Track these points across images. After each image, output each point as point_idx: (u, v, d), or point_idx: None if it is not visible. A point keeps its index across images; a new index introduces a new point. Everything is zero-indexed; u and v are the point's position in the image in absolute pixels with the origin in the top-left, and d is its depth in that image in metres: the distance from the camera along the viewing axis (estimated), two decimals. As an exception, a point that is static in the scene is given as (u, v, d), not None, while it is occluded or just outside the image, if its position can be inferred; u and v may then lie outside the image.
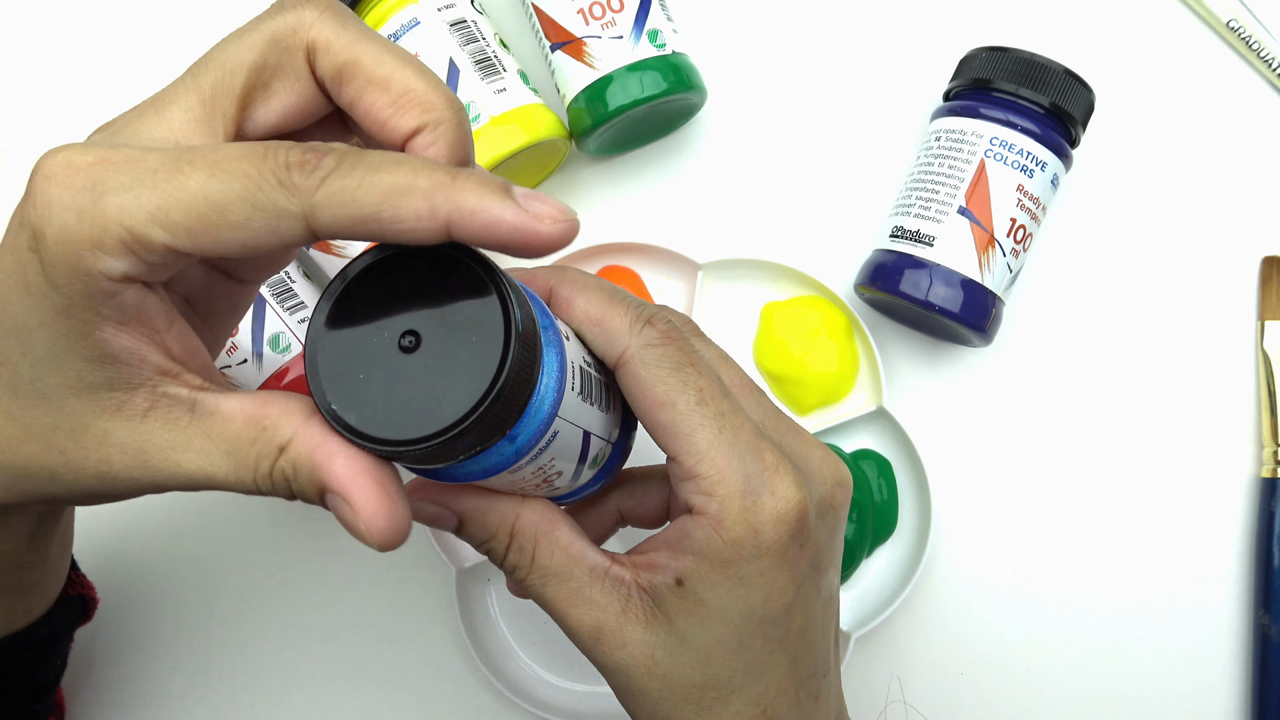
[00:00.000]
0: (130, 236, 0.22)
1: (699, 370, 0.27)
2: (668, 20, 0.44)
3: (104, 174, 0.22)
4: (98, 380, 0.24)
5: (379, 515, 0.23)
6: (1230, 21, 0.48)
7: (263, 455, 0.24)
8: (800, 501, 0.27)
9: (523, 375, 0.23)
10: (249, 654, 0.46)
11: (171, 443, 0.24)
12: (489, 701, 0.45)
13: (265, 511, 0.47)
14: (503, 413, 0.22)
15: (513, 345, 0.22)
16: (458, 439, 0.22)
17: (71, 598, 0.37)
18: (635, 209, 0.49)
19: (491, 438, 0.23)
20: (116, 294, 0.22)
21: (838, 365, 0.45)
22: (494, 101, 0.43)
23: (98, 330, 0.23)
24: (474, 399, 0.22)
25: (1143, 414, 0.47)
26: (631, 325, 0.27)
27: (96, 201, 0.22)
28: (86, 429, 0.24)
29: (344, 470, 0.23)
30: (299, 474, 0.24)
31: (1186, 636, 0.45)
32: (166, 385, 0.24)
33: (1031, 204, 0.42)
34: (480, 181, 0.22)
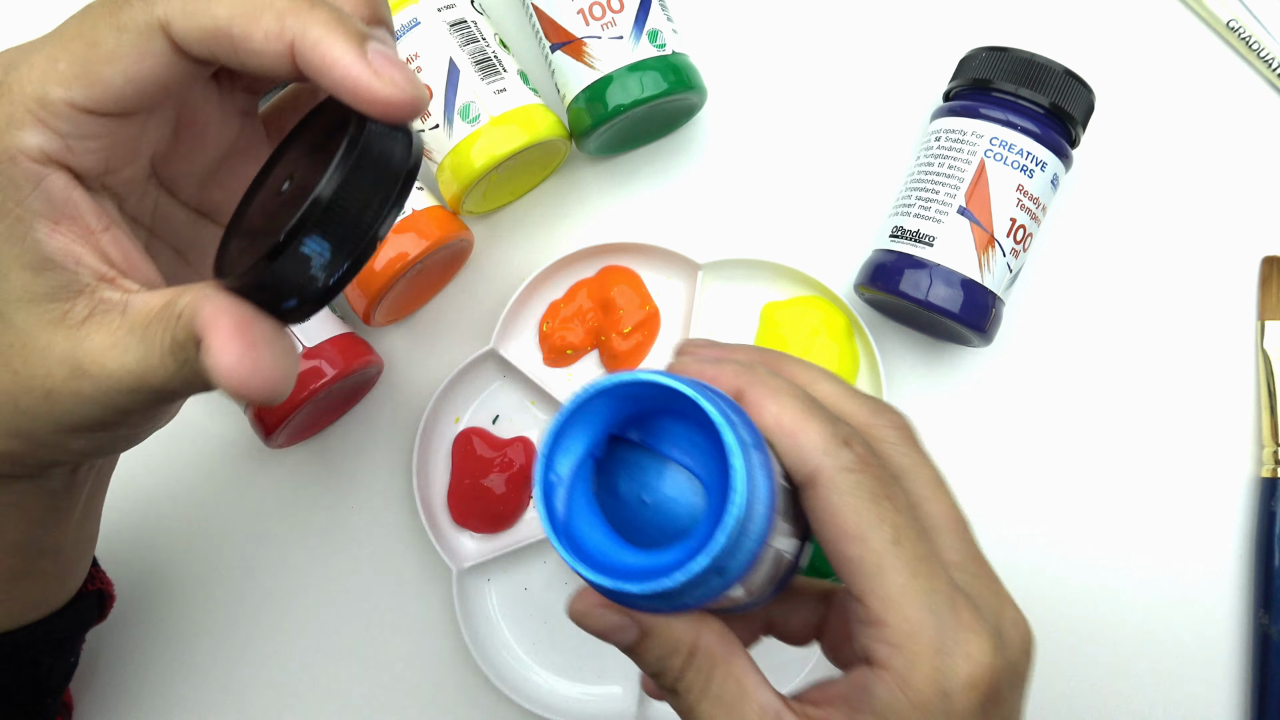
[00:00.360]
0: (35, 103, 0.23)
1: (896, 505, 0.25)
2: (668, 20, 0.44)
3: (8, 55, 0.23)
4: (40, 290, 0.24)
5: (229, 354, 0.22)
6: (1230, 21, 0.48)
7: (167, 326, 0.24)
8: (995, 667, 0.24)
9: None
10: (250, 654, 0.46)
11: (102, 345, 0.24)
12: (489, 701, 0.45)
13: (267, 513, 0.47)
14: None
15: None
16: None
17: (90, 593, 0.37)
18: (635, 209, 0.49)
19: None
20: (41, 179, 0.23)
21: (838, 365, 0.45)
22: (494, 101, 0.43)
23: (33, 230, 0.24)
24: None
25: (1143, 414, 0.47)
26: (827, 444, 0.25)
27: (2, 80, 0.23)
28: (34, 342, 0.24)
29: (209, 312, 0.23)
30: (182, 330, 0.23)
31: (1186, 636, 0.45)
32: (103, 290, 0.24)
33: (1031, 204, 0.42)
34: (337, 19, 0.22)
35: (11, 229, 0.23)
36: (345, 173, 0.22)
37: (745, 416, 0.24)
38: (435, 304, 0.48)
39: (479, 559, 0.45)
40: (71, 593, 0.35)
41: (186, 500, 0.47)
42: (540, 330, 0.47)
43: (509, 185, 0.47)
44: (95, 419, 0.25)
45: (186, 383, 0.24)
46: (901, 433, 0.28)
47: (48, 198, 0.24)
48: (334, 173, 0.22)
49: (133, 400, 0.25)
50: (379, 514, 0.47)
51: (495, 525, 0.46)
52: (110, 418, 0.25)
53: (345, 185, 0.22)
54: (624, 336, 0.46)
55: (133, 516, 0.46)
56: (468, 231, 0.45)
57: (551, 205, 0.49)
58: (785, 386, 0.26)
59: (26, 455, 0.27)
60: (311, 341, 0.43)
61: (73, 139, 0.23)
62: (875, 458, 0.25)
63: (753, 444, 0.23)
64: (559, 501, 0.24)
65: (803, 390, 0.26)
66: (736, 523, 0.22)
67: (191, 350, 0.23)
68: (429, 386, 0.47)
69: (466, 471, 0.46)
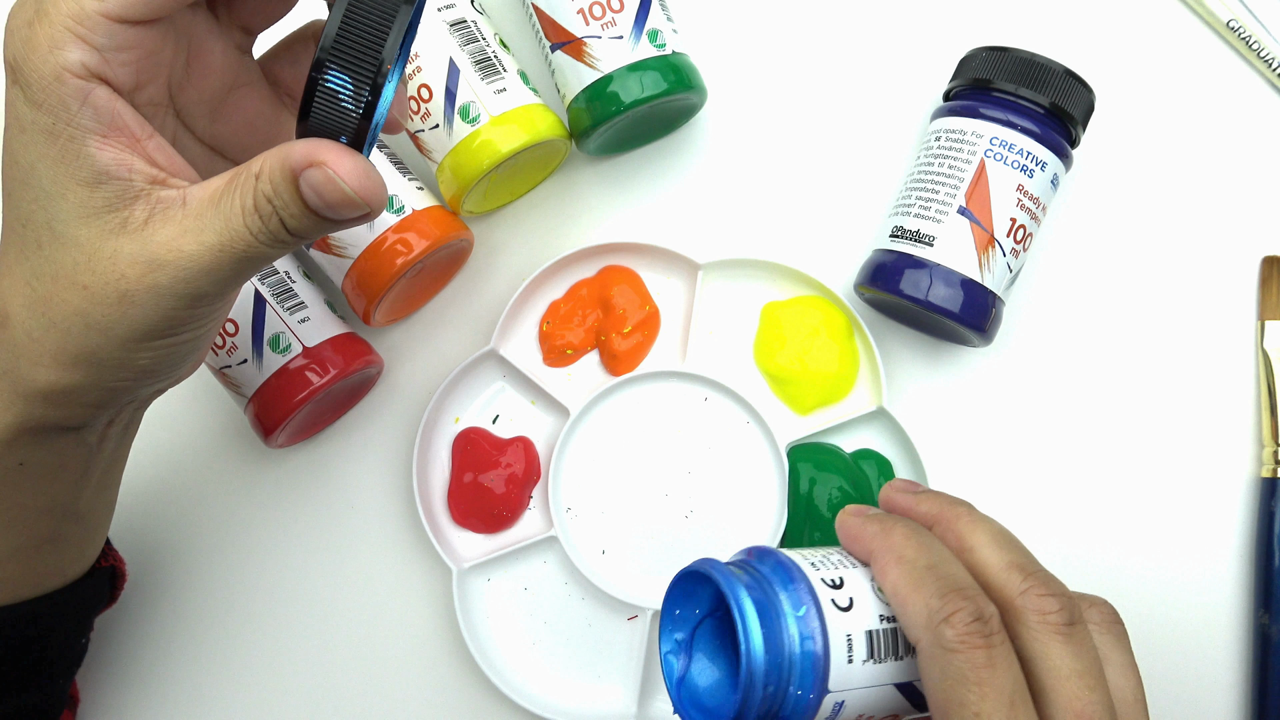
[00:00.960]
0: (72, 19, 0.24)
1: (985, 692, 0.24)
2: (668, 20, 0.44)
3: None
4: (97, 202, 0.26)
5: (345, 162, 0.25)
6: (1230, 21, 0.48)
7: (245, 193, 0.26)
8: None
9: None
10: (250, 654, 0.46)
11: (172, 235, 0.26)
12: (489, 701, 0.45)
13: (267, 513, 0.47)
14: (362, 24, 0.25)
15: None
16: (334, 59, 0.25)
17: (104, 568, 0.38)
18: (635, 209, 0.49)
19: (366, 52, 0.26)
20: (87, 93, 0.25)
21: (838, 365, 0.45)
22: (494, 101, 0.43)
23: (83, 145, 0.25)
24: None
25: (1143, 414, 0.47)
26: (929, 619, 0.25)
27: (40, 6, 0.25)
28: (100, 253, 0.26)
29: (305, 145, 0.26)
30: (275, 182, 0.26)
31: (1187, 636, 0.45)
32: (158, 191, 0.27)
33: (1031, 204, 0.42)
34: None
35: (64, 149, 0.25)
36: (345, 7, 0.25)
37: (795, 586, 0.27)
38: (435, 304, 0.48)
39: (479, 559, 0.45)
40: (88, 565, 0.36)
41: (187, 500, 0.47)
42: (540, 330, 0.47)
43: (509, 185, 0.47)
44: (168, 317, 0.27)
45: (272, 237, 0.26)
46: (1046, 619, 0.26)
47: (95, 111, 0.25)
48: (336, 9, 0.25)
49: (211, 280, 0.27)
50: (379, 514, 0.47)
51: (495, 525, 0.46)
52: (181, 313, 0.27)
53: (349, 18, 0.25)
54: (624, 336, 0.46)
55: (133, 516, 0.46)
56: (468, 231, 0.45)
57: (551, 205, 0.49)
58: (909, 550, 0.27)
59: (86, 388, 0.29)
60: (311, 341, 0.43)
61: (109, 51, 0.25)
62: (984, 639, 0.25)
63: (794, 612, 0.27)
64: (677, 665, 0.29)
65: (928, 554, 0.26)
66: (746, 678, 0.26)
67: (285, 195, 0.26)
68: (429, 386, 0.47)
69: (466, 471, 0.46)
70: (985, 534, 0.28)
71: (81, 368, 0.28)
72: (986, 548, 0.27)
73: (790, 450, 0.46)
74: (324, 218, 0.26)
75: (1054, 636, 0.26)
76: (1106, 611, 0.28)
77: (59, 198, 0.26)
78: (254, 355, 0.42)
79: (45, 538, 0.33)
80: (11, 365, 0.28)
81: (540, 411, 0.47)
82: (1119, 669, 0.27)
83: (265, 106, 0.33)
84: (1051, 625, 0.26)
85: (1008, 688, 0.24)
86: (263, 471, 0.47)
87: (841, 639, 0.26)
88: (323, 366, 0.42)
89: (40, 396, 0.29)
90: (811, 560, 0.28)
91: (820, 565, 0.28)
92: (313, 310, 0.43)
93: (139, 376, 0.29)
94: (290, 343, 0.42)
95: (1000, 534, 0.28)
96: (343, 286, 0.44)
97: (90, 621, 0.39)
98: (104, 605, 0.40)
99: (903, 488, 0.31)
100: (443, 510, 0.46)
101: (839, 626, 0.27)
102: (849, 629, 0.27)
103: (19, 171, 0.26)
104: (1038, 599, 0.26)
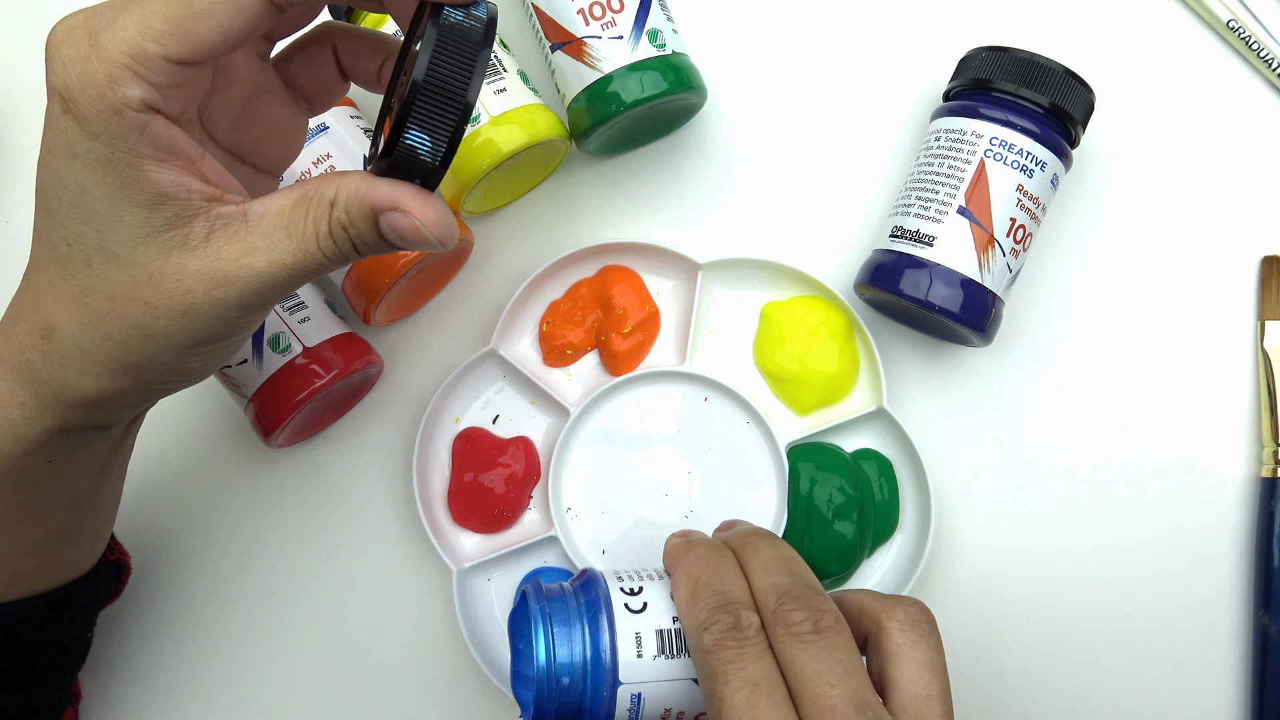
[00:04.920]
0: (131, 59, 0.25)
1: (729, 680, 0.28)
2: (668, 20, 0.44)
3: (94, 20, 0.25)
4: (157, 222, 0.27)
5: (429, 212, 0.27)
6: (1230, 21, 0.48)
7: (318, 218, 0.27)
8: None
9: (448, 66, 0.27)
10: (250, 653, 0.46)
11: (239, 252, 0.27)
12: (489, 701, 0.45)
13: (267, 513, 0.47)
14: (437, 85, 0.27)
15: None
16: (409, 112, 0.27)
17: (110, 562, 0.38)
18: (635, 209, 0.49)
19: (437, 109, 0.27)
20: (145, 125, 0.26)
21: (838, 365, 0.45)
22: (494, 101, 0.43)
23: (142, 171, 0.26)
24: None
25: (1143, 414, 0.47)
26: (696, 628, 0.29)
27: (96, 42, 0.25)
28: (162, 271, 0.27)
29: (388, 188, 0.27)
30: (352, 214, 0.27)
31: (1186, 636, 0.45)
32: (217, 208, 0.27)
33: (1031, 204, 0.42)
34: None
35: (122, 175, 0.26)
36: (425, 67, 0.26)
37: (593, 593, 0.32)
38: (435, 304, 0.48)
39: (479, 559, 0.45)
40: (96, 557, 0.37)
41: (187, 500, 0.47)
42: (540, 330, 0.47)
43: (509, 185, 0.47)
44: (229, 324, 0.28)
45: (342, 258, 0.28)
46: (791, 629, 0.29)
47: (152, 140, 0.26)
48: (418, 67, 0.26)
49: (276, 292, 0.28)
50: (379, 514, 0.47)
51: (495, 525, 0.46)
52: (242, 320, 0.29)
53: (428, 78, 0.26)
54: (624, 337, 0.46)
55: (134, 516, 0.46)
56: (468, 231, 0.45)
57: (551, 205, 0.49)
58: (697, 571, 0.31)
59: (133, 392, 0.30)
60: (311, 342, 0.43)
61: (165, 88, 0.26)
62: (738, 641, 0.28)
63: (593, 608, 0.31)
64: None
65: (712, 574, 0.30)
66: (540, 668, 0.30)
67: (361, 227, 0.27)
68: (429, 386, 0.47)
69: (466, 471, 0.46)
70: (759, 560, 0.31)
71: (133, 374, 0.29)
72: (758, 574, 0.31)
73: (790, 450, 0.46)
74: (397, 247, 0.29)
75: (796, 644, 0.29)
76: (913, 611, 0.30)
77: (114, 220, 0.27)
78: (254, 355, 0.42)
79: (64, 531, 0.34)
80: (57, 374, 0.29)
81: (540, 411, 0.47)
82: (914, 665, 0.29)
83: (284, 111, 0.33)
84: (795, 634, 0.29)
85: (752, 677, 0.28)
86: (263, 471, 0.47)
87: (630, 635, 0.31)
88: (323, 366, 0.42)
89: (85, 403, 0.29)
90: (619, 573, 0.33)
91: (625, 577, 0.33)
92: (313, 310, 0.43)
93: (184, 378, 0.31)
94: (290, 342, 0.42)
95: (774, 560, 0.31)
96: (343, 286, 0.44)
97: (96, 615, 0.39)
98: (109, 599, 0.40)
99: (722, 528, 0.35)
100: (443, 510, 0.46)
101: (628, 626, 0.31)
102: (639, 628, 0.31)
103: (67, 194, 0.27)
104: (786, 613, 0.29)
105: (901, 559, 0.45)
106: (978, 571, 0.46)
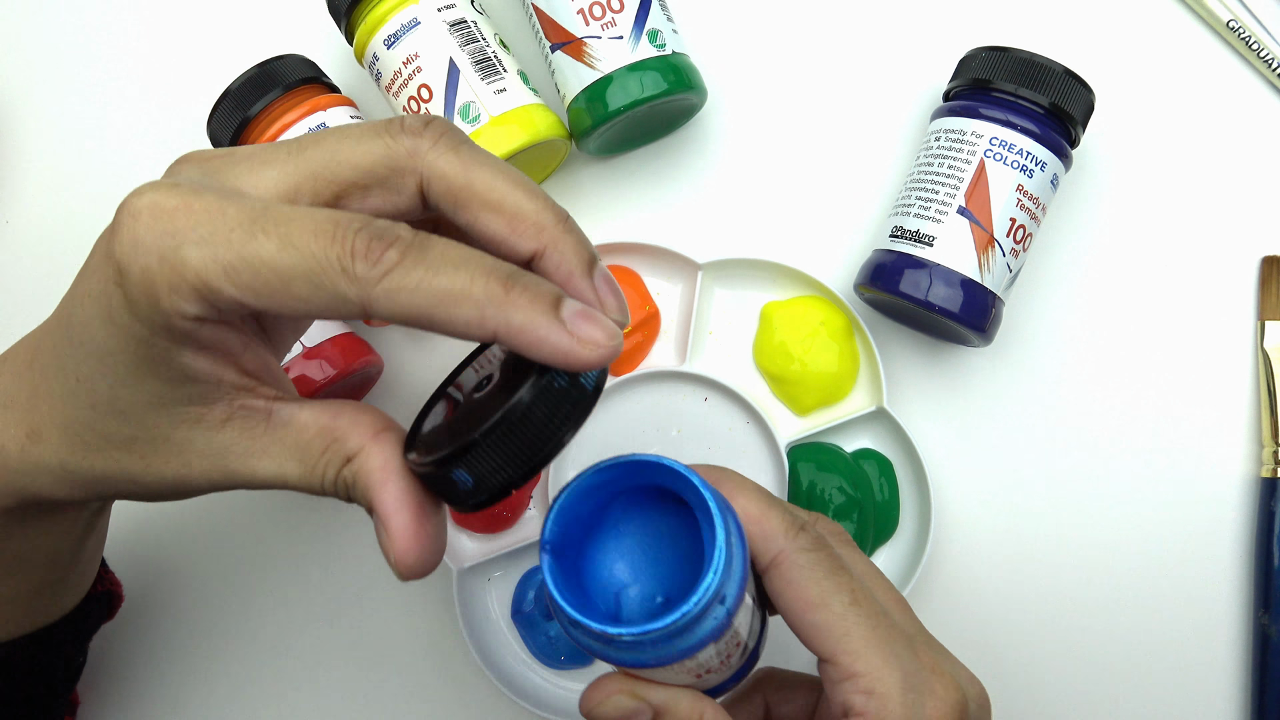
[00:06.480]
0: (204, 287, 0.23)
1: (850, 576, 0.28)
2: (668, 20, 0.44)
3: (186, 222, 0.23)
4: (177, 397, 0.25)
5: (410, 550, 0.25)
6: (1230, 21, 0.48)
7: (331, 463, 0.26)
8: (961, 702, 0.27)
9: (539, 411, 0.24)
10: (250, 653, 0.46)
11: (248, 449, 0.26)
12: (489, 701, 0.45)
13: (268, 515, 0.47)
14: (506, 441, 0.24)
15: (532, 379, 0.24)
16: (464, 458, 0.24)
17: (100, 594, 0.38)
18: (635, 209, 0.49)
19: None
20: (194, 331, 0.24)
21: (838, 365, 0.45)
22: (494, 101, 0.43)
23: (178, 356, 0.24)
24: (480, 426, 0.24)
25: (1142, 414, 0.47)
26: (787, 530, 0.28)
27: (177, 249, 0.23)
28: (167, 438, 0.26)
29: (391, 498, 0.25)
30: (356, 486, 0.26)
31: (1186, 636, 0.45)
32: (243, 398, 0.26)
33: (1031, 204, 0.42)
34: (531, 299, 0.23)
35: (155, 355, 0.24)
36: (506, 421, 0.24)
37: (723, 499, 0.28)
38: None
39: (479, 559, 0.45)
40: (82, 595, 0.36)
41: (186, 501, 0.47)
42: (540, 330, 0.47)
43: (509, 185, 0.47)
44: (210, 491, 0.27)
45: (337, 496, 0.27)
46: (838, 536, 0.31)
47: (196, 338, 0.24)
48: (500, 415, 0.24)
49: (272, 488, 0.27)
50: (379, 514, 0.47)
51: (495, 525, 0.46)
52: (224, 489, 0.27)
53: (504, 433, 0.24)
54: (624, 336, 0.46)
55: (133, 518, 0.46)
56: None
57: (551, 205, 0.49)
58: (749, 482, 0.29)
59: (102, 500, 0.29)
60: (311, 341, 0.43)
61: (230, 313, 0.24)
62: (825, 540, 0.29)
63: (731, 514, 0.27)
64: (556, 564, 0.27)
65: (763, 488, 0.30)
66: (723, 550, 0.25)
67: (357, 498, 0.26)
68: (429, 386, 0.47)
69: (466, 471, 0.46)
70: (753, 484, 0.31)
71: (109, 495, 0.28)
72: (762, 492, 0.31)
73: (790, 450, 0.46)
74: None
75: (849, 547, 0.31)
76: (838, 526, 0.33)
77: (133, 385, 0.25)
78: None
79: (51, 581, 0.33)
80: (29, 476, 0.27)
81: (540, 411, 0.47)
82: None
83: None
84: (845, 541, 0.31)
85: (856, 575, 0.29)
86: (263, 471, 0.47)
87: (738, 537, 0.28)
88: (323, 366, 0.42)
89: (51, 503, 0.29)
90: None
91: None
92: (313, 310, 0.43)
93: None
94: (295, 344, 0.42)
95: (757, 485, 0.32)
96: (343, 286, 0.44)
97: (86, 643, 0.38)
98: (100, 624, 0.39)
99: None
100: (443, 510, 0.46)
101: None
102: None
103: (90, 343, 0.25)
104: (826, 524, 0.31)
105: (901, 559, 0.45)
106: (978, 571, 0.46)
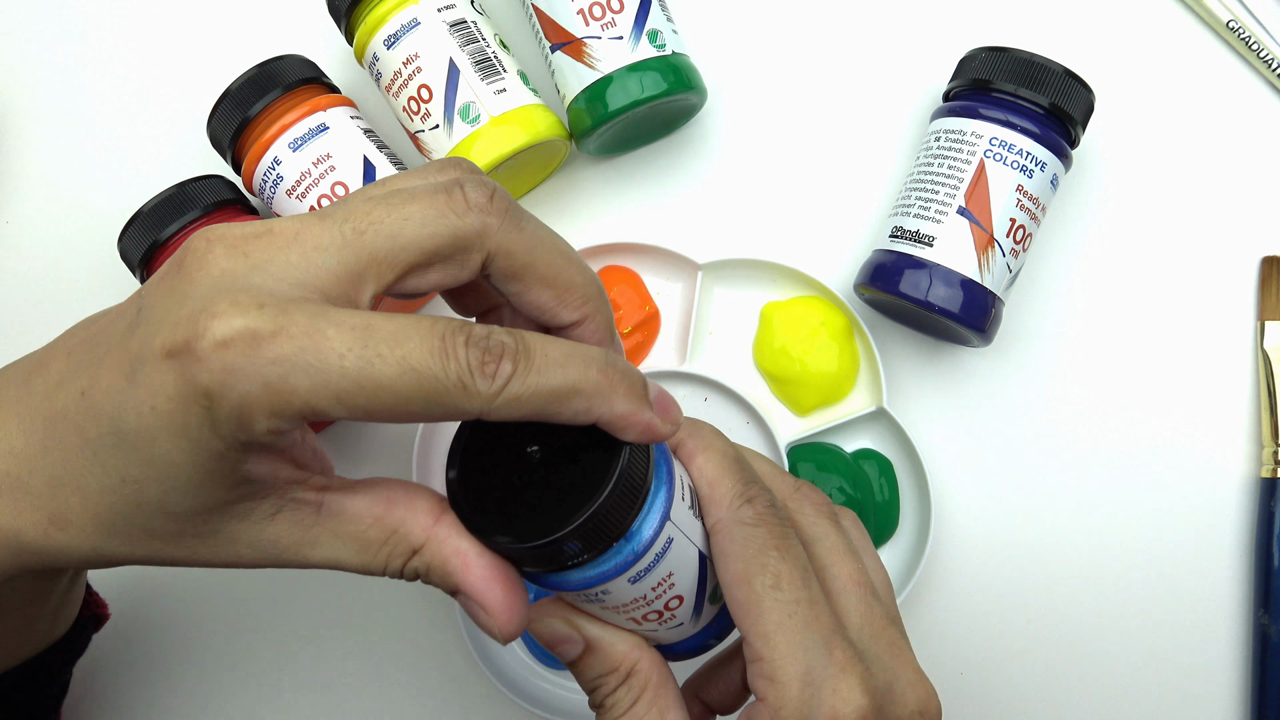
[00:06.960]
0: (311, 411, 0.23)
1: (784, 556, 0.27)
2: (668, 21, 0.44)
3: (288, 349, 0.22)
4: (230, 498, 0.25)
5: (512, 618, 0.26)
6: (1230, 22, 0.48)
7: (394, 556, 0.26)
8: (863, 709, 0.26)
9: (635, 475, 0.25)
10: (249, 653, 0.46)
11: (299, 540, 0.26)
12: (490, 703, 0.45)
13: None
14: (620, 506, 0.25)
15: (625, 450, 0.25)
16: (583, 532, 0.24)
17: (87, 618, 0.37)
18: (635, 209, 0.49)
19: (612, 536, 0.25)
20: (273, 442, 0.24)
21: (838, 365, 0.45)
22: (494, 102, 0.43)
23: (242, 465, 0.24)
24: (593, 496, 0.24)
25: (1142, 414, 0.47)
26: (732, 500, 0.28)
27: (284, 378, 0.22)
28: (215, 533, 0.25)
29: (479, 579, 0.26)
30: (433, 574, 0.26)
31: (1186, 636, 0.45)
32: (294, 491, 0.26)
33: (1031, 204, 0.42)
34: (629, 388, 0.25)
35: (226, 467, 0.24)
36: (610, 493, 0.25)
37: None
38: (436, 302, 0.48)
39: (479, 559, 0.45)
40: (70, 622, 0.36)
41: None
42: (540, 330, 0.47)
43: (509, 185, 0.47)
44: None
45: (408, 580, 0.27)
46: (819, 508, 0.31)
47: (269, 449, 0.25)
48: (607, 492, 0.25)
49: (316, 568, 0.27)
50: (379, 514, 0.47)
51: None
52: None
53: (609, 501, 0.25)
54: (624, 337, 0.46)
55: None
56: None
57: (551, 205, 0.49)
58: (717, 442, 0.29)
59: None
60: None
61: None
62: (778, 519, 0.28)
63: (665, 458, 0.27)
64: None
65: (735, 451, 0.29)
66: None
67: (437, 584, 0.26)
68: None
69: (466, 471, 0.46)
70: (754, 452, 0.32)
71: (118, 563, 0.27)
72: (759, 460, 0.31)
73: (790, 450, 0.46)
74: None
75: (825, 521, 0.30)
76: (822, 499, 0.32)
77: (188, 492, 0.24)
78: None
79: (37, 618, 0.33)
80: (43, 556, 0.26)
81: (540, 411, 0.47)
82: None
83: None
84: (824, 515, 0.30)
85: (802, 558, 0.28)
86: (263, 471, 0.47)
87: (679, 477, 0.28)
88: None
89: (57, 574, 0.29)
90: None
91: None
92: (313, 310, 0.43)
93: None
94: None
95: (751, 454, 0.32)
96: (343, 287, 0.44)
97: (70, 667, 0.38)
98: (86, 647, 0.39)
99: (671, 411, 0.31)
100: (443, 510, 0.46)
101: (677, 469, 0.28)
102: (680, 473, 0.28)
103: (152, 455, 0.24)
104: (809, 494, 0.31)
105: (901, 559, 0.45)
106: (978, 571, 0.46)
